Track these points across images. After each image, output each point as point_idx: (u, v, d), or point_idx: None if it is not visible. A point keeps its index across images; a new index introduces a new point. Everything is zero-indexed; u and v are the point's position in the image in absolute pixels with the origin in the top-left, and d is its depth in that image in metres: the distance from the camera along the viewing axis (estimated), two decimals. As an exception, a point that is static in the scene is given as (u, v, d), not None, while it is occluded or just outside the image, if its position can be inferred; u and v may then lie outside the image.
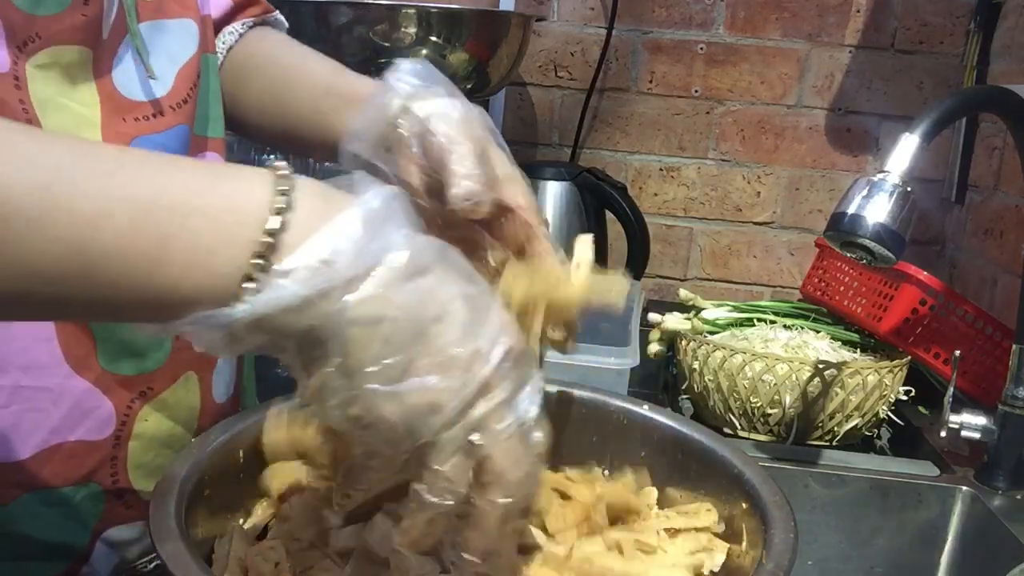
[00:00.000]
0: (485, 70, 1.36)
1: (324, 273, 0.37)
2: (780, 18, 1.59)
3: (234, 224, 0.37)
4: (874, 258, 0.80)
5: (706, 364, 1.09)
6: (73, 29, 0.55)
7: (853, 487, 0.99)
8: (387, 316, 0.38)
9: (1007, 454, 0.95)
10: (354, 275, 0.38)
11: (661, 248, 1.69)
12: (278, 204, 0.38)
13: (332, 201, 0.39)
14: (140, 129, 0.61)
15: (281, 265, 0.37)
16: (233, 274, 0.37)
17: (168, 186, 0.37)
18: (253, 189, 0.39)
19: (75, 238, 0.35)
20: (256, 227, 0.37)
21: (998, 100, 0.89)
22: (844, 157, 1.63)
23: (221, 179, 0.39)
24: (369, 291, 0.38)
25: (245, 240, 0.37)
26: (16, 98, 0.53)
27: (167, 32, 0.65)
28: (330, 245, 0.37)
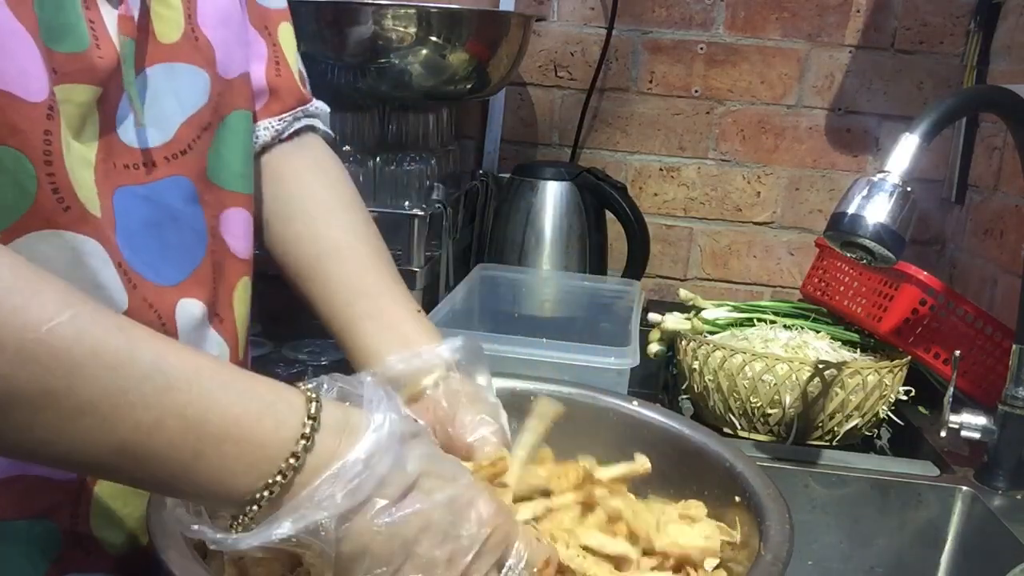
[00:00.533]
0: (485, 70, 1.36)
1: (315, 515, 0.44)
2: (780, 18, 1.59)
3: (259, 458, 0.44)
4: (874, 258, 0.80)
5: (706, 364, 1.09)
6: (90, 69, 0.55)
7: (853, 487, 0.99)
8: (373, 545, 0.45)
9: (1007, 454, 0.95)
10: (347, 510, 0.44)
11: (661, 248, 1.69)
12: (296, 448, 0.44)
13: (347, 432, 0.46)
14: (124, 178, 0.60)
15: (278, 513, 0.44)
16: (246, 495, 0.44)
17: (212, 409, 0.43)
18: (283, 423, 0.45)
19: (132, 440, 0.42)
20: (276, 463, 0.44)
21: (998, 100, 0.89)
22: (844, 157, 1.63)
23: (258, 410, 0.45)
24: (357, 528, 0.45)
25: (264, 473, 0.44)
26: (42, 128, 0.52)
27: (179, 76, 0.63)
28: (327, 490, 0.44)
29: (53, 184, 0.53)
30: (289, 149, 0.77)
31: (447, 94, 1.36)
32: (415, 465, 0.47)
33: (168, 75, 0.62)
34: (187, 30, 0.64)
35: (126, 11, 0.58)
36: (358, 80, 1.28)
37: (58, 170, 0.53)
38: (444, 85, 1.33)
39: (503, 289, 1.36)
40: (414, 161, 1.35)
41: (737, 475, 0.61)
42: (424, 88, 1.31)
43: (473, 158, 1.71)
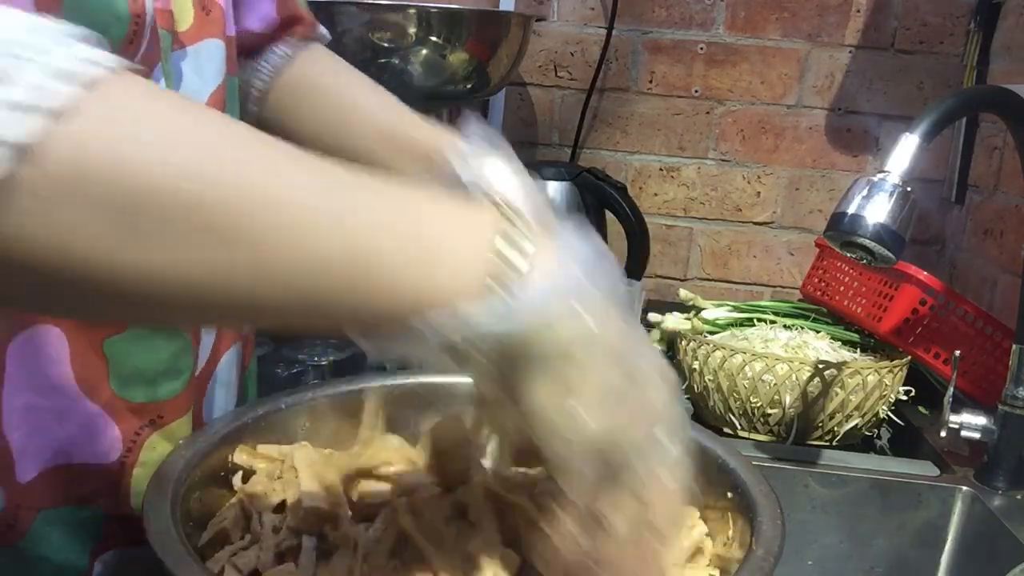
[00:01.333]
0: (485, 70, 1.36)
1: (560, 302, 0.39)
2: (780, 18, 1.59)
3: (474, 228, 0.39)
4: (874, 258, 0.80)
5: (706, 364, 1.09)
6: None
7: (853, 487, 0.99)
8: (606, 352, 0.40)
9: (1007, 454, 0.95)
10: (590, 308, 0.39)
11: (661, 248, 1.69)
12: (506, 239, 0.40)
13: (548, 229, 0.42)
14: None
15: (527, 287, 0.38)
16: (475, 279, 0.38)
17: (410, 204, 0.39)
18: (482, 211, 0.41)
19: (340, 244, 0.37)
20: (492, 232, 0.39)
21: (998, 100, 0.89)
22: (844, 157, 1.63)
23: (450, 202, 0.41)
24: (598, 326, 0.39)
25: (484, 244, 0.39)
26: None
27: (202, 55, 0.64)
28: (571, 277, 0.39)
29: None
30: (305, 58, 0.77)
31: (447, 94, 1.36)
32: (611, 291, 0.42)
33: (193, 57, 0.63)
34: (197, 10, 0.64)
35: (164, 5, 0.59)
36: (358, 80, 1.28)
37: None
38: (444, 85, 1.33)
39: (503, 289, 1.36)
40: (414, 161, 1.35)
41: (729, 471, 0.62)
42: (424, 88, 1.31)
43: (473, 158, 1.70)
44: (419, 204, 0.40)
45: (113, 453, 0.61)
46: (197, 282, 0.35)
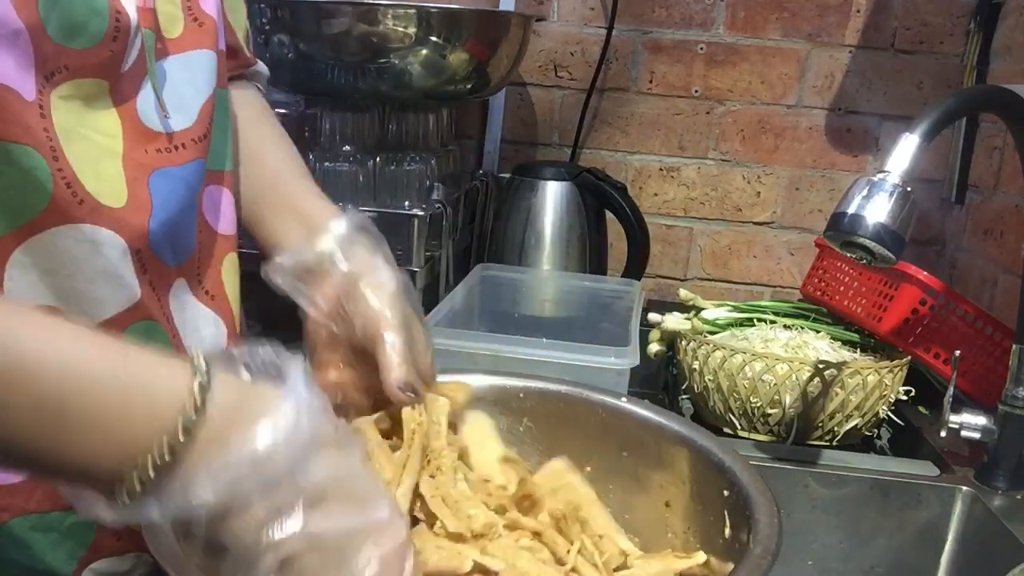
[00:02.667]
0: (485, 70, 1.36)
1: (188, 508, 0.40)
2: (780, 18, 1.59)
3: (128, 447, 0.40)
4: (874, 258, 0.80)
5: (706, 364, 1.09)
6: (99, 63, 0.56)
7: (853, 487, 0.99)
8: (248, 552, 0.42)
9: (1007, 454, 0.95)
10: (223, 509, 0.41)
11: (661, 248, 1.69)
12: (171, 438, 0.40)
13: (242, 418, 0.42)
14: (161, 161, 0.61)
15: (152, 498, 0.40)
16: (114, 481, 0.40)
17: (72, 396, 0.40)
18: (157, 409, 0.41)
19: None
20: (146, 451, 0.40)
21: (998, 100, 0.89)
22: (844, 157, 1.63)
23: (128, 397, 0.41)
24: (234, 529, 0.41)
25: (132, 463, 0.40)
26: (41, 127, 0.53)
27: (194, 64, 0.65)
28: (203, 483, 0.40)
29: (65, 179, 0.54)
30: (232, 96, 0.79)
31: (447, 94, 1.36)
32: (320, 475, 0.43)
33: (179, 66, 0.64)
34: (188, 20, 0.65)
35: (145, 3, 0.59)
36: (358, 80, 1.28)
37: (64, 165, 0.54)
38: (444, 85, 1.33)
39: (503, 289, 1.36)
40: (414, 161, 1.35)
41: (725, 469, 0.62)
42: (424, 88, 1.31)
43: (473, 158, 1.71)
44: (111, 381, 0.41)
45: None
46: None
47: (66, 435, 0.39)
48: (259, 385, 0.44)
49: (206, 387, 0.41)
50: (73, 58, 0.54)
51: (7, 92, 0.51)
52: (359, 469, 0.46)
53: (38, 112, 0.53)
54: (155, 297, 0.62)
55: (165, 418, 0.40)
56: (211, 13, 0.67)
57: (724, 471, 0.61)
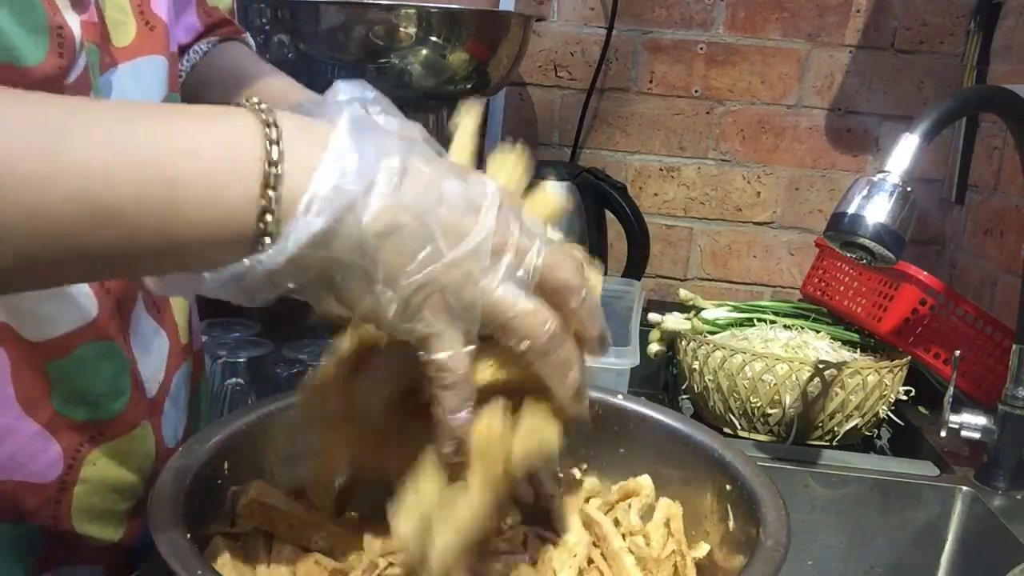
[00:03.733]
0: (485, 70, 1.36)
1: (339, 198, 0.40)
2: (780, 18, 1.59)
3: (237, 158, 0.39)
4: (874, 258, 0.79)
5: (706, 364, 1.09)
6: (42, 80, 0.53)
7: (853, 487, 0.99)
8: (399, 223, 0.41)
9: (1007, 454, 0.95)
10: (360, 195, 0.40)
11: (661, 248, 1.69)
12: (270, 135, 0.40)
13: (313, 126, 0.42)
14: None
15: (299, 202, 0.39)
16: (247, 207, 0.39)
17: (167, 131, 0.39)
18: (243, 124, 0.40)
19: (86, 193, 0.37)
20: (258, 158, 0.39)
21: (998, 100, 0.89)
22: (844, 157, 1.63)
23: (213, 119, 0.41)
24: (380, 204, 0.41)
25: (250, 171, 0.39)
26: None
27: (144, 73, 0.63)
28: (336, 169, 0.40)
29: None
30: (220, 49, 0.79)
31: (447, 94, 1.36)
32: (405, 149, 0.44)
33: (132, 73, 0.62)
34: (140, 26, 0.63)
35: (90, 17, 0.57)
36: (358, 80, 1.28)
37: None
38: (444, 85, 1.33)
39: (503, 289, 1.36)
40: (414, 161, 1.35)
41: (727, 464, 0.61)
42: (424, 88, 1.31)
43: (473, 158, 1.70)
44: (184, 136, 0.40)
45: (54, 471, 0.59)
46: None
47: (185, 196, 0.38)
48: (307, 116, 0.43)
49: (273, 124, 0.41)
50: (13, 75, 0.52)
51: None
52: (423, 143, 0.48)
53: None
54: (117, 316, 0.61)
55: (254, 168, 0.40)
56: (161, 15, 0.65)
57: (726, 466, 0.61)
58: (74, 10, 0.56)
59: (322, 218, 0.39)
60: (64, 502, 0.60)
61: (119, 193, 0.37)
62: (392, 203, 0.41)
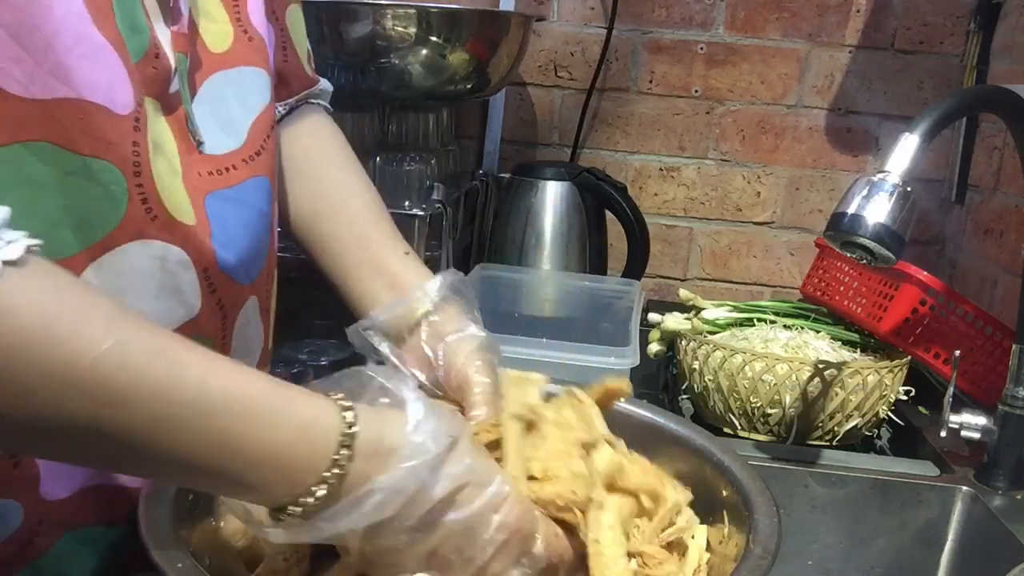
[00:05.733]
0: (485, 70, 1.36)
1: (341, 527, 0.45)
2: (780, 18, 1.59)
3: (294, 482, 0.45)
4: (874, 258, 0.79)
5: (706, 364, 1.09)
6: (146, 80, 0.56)
7: (853, 487, 0.99)
8: (396, 549, 0.47)
9: (1007, 454, 0.95)
10: (371, 525, 0.46)
11: (661, 248, 1.69)
12: (328, 476, 0.45)
13: (381, 455, 0.46)
14: (213, 184, 0.61)
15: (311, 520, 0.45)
16: (279, 506, 0.45)
17: (250, 434, 0.44)
18: (317, 449, 0.45)
19: (172, 460, 0.43)
20: (308, 486, 0.45)
21: (998, 100, 0.89)
22: (844, 157, 1.63)
23: (295, 437, 0.45)
24: (380, 537, 0.47)
25: (297, 492, 0.45)
26: (130, 140, 0.53)
27: (241, 81, 0.65)
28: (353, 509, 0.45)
29: (142, 195, 0.54)
30: (288, 121, 0.78)
31: (447, 94, 1.36)
32: (444, 486, 0.47)
33: (228, 81, 0.64)
34: (238, 33, 0.65)
35: (179, 29, 0.59)
36: (358, 80, 1.28)
37: (146, 180, 0.55)
38: (444, 85, 1.33)
39: (503, 289, 1.36)
40: (414, 161, 1.35)
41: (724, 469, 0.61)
42: (424, 88, 1.31)
43: (473, 158, 1.71)
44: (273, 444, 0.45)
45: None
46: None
47: (243, 468, 0.44)
48: (390, 413, 0.48)
49: (355, 435, 0.46)
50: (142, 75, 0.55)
51: (93, 108, 0.51)
52: (473, 458, 0.50)
53: (132, 124, 0.53)
54: (220, 315, 0.62)
55: (324, 454, 0.45)
56: (260, 30, 0.67)
57: (723, 471, 0.61)
58: (165, 20, 0.58)
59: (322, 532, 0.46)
60: None
61: (195, 465, 0.44)
62: (389, 538, 0.47)
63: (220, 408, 0.43)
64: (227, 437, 0.43)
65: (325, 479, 0.45)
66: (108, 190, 0.53)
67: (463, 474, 0.48)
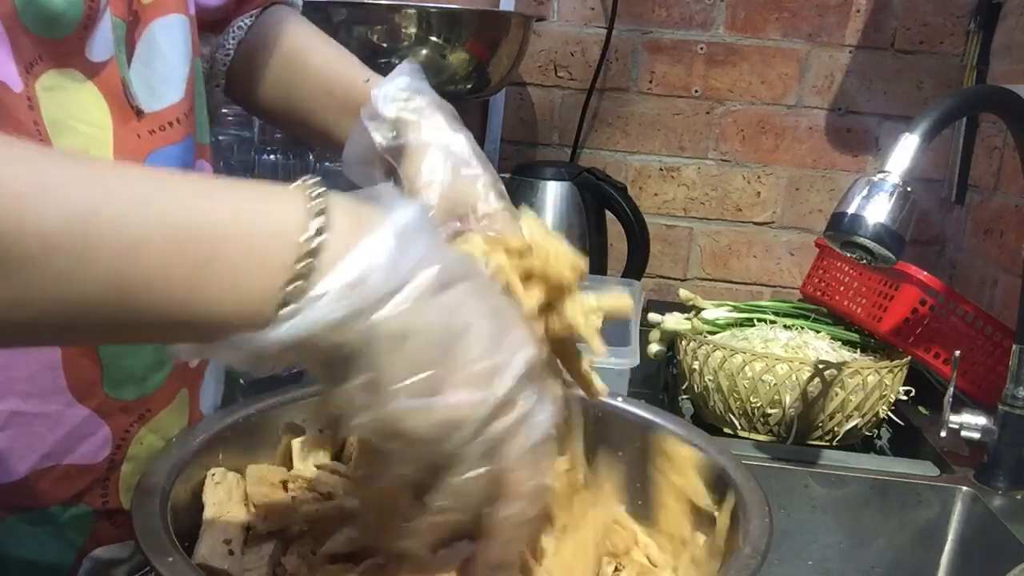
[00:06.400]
0: (485, 70, 1.36)
1: (357, 293, 0.37)
2: (780, 18, 1.59)
3: (270, 249, 0.38)
4: (874, 258, 0.80)
5: (706, 364, 1.09)
6: (73, 51, 0.54)
7: (853, 487, 0.99)
8: (413, 332, 0.39)
9: (1007, 454, 0.95)
10: (385, 293, 0.38)
11: (661, 248, 1.69)
12: (314, 225, 0.38)
13: (364, 218, 0.39)
14: (156, 142, 0.60)
15: (315, 289, 0.37)
16: (268, 298, 0.38)
17: (204, 212, 0.38)
18: (288, 211, 0.39)
19: (115, 269, 0.36)
20: (292, 251, 0.38)
21: (998, 100, 0.89)
22: (844, 157, 1.63)
23: (256, 202, 0.39)
24: (397, 308, 0.38)
25: (280, 264, 0.38)
26: (31, 119, 0.52)
27: (171, 31, 0.63)
28: (363, 265, 0.38)
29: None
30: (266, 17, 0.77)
31: (447, 94, 1.35)
32: (456, 267, 0.41)
33: (163, 30, 0.62)
34: None
35: None
36: (358, 80, 1.28)
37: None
38: (444, 85, 1.33)
39: (503, 289, 1.36)
40: (414, 161, 1.35)
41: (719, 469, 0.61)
42: (424, 88, 1.31)
43: (473, 158, 1.70)
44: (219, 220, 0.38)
45: (102, 452, 0.61)
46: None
47: (211, 279, 0.37)
48: (367, 205, 0.41)
49: (325, 211, 0.39)
50: (49, 47, 0.53)
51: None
52: (482, 268, 0.45)
53: (27, 104, 0.52)
54: None
55: (296, 221, 0.38)
56: None
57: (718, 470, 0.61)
58: None
59: (332, 309, 0.37)
60: (112, 480, 0.62)
61: (145, 272, 0.36)
62: (409, 311, 0.38)
63: (158, 195, 0.37)
64: (174, 220, 0.37)
65: (309, 239, 0.38)
66: None
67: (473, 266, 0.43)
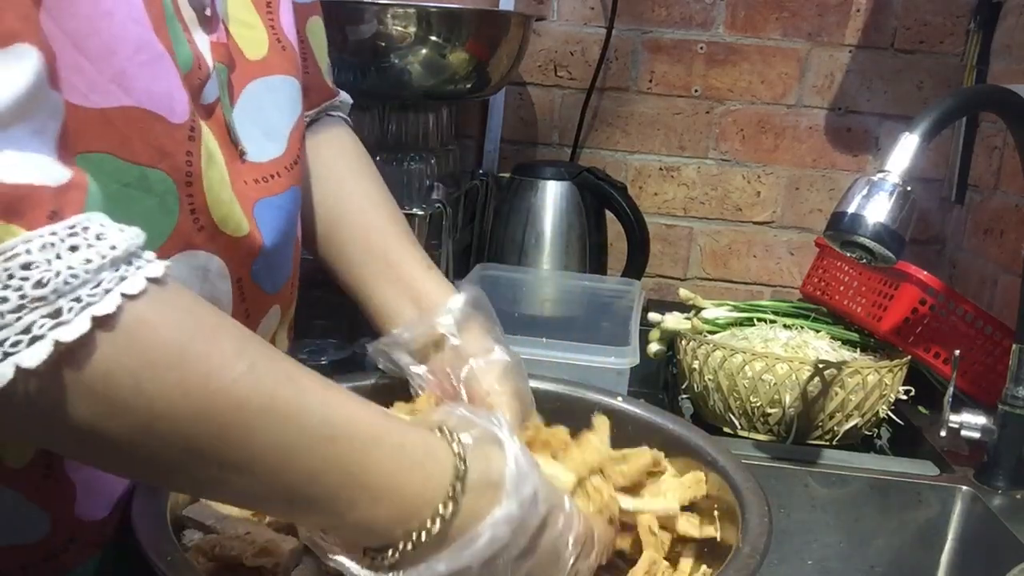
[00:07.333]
0: (485, 70, 1.36)
1: (459, 562, 0.45)
2: (780, 18, 1.59)
3: (408, 515, 0.45)
4: (874, 258, 0.79)
5: (706, 364, 1.09)
6: (192, 91, 0.56)
7: (853, 487, 0.99)
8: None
9: (1007, 454, 0.95)
10: (487, 558, 0.45)
11: (661, 248, 1.69)
12: (443, 511, 0.45)
13: (490, 489, 0.46)
14: (260, 191, 0.61)
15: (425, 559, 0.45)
16: (389, 543, 0.45)
17: (370, 462, 0.44)
18: (430, 480, 0.45)
19: (295, 486, 0.43)
20: (422, 519, 0.45)
21: (998, 100, 0.89)
22: (844, 157, 1.63)
23: (410, 467, 0.45)
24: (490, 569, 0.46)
25: (410, 527, 0.45)
26: (184, 149, 0.53)
27: (277, 89, 0.64)
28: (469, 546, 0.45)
29: (191, 205, 0.54)
30: (308, 133, 0.78)
31: (447, 94, 1.36)
32: (541, 512, 0.48)
33: (266, 89, 0.63)
34: (272, 41, 0.65)
35: (218, 38, 0.59)
36: (358, 80, 1.28)
37: (196, 191, 0.54)
38: (444, 85, 1.33)
39: (503, 289, 1.36)
40: (414, 161, 1.35)
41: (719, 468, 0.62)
42: (424, 88, 1.31)
43: (473, 158, 1.71)
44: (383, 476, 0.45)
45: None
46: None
47: (360, 497, 0.44)
48: (491, 448, 0.48)
49: (463, 456, 0.46)
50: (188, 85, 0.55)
51: (151, 118, 0.51)
52: (549, 485, 0.50)
53: (187, 134, 0.53)
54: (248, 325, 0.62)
55: (439, 487, 0.45)
56: (292, 40, 0.67)
57: (717, 470, 0.62)
58: (203, 29, 0.58)
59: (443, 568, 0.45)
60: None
61: (315, 494, 0.43)
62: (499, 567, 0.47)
63: (343, 436, 0.43)
64: (350, 465, 0.43)
65: (439, 513, 0.44)
66: (162, 200, 0.53)
67: (549, 497, 0.49)
